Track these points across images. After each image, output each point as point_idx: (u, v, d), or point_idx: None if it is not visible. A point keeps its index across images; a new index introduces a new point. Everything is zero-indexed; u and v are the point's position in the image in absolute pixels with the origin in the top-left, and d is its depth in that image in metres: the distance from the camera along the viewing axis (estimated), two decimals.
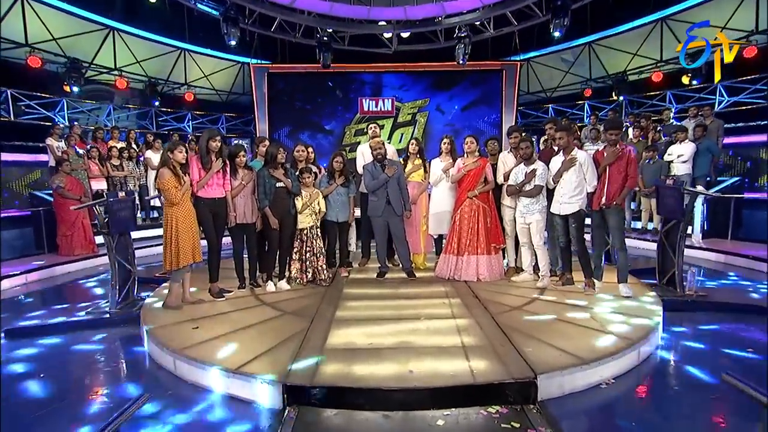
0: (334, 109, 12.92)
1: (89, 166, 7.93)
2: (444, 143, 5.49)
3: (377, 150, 5.05)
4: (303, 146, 5.17)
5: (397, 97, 12.86)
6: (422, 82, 12.92)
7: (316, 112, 12.89)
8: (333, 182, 5.15)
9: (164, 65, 11.29)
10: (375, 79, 12.94)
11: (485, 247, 5.01)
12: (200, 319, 3.83)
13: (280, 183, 4.59)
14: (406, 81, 12.89)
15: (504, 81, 12.49)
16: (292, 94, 12.76)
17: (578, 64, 11.95)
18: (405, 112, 12.89)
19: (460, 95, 12.85)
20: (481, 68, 12.47)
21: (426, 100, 12.92)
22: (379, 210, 5.09)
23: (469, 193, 5.04)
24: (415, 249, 5.64)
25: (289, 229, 4.75)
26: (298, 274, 4.89)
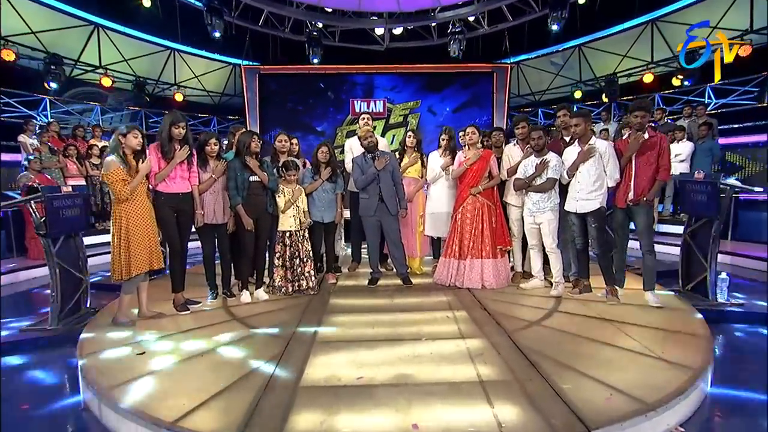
0: (326, 110, 11.99)
1: (66, 164, 6.94)
2: (443, 138, 4.62)
3: (367, 139, 4.15)
4: (285, 136, 4.26)
5: (388, 99, 11.94)
6: (414, 84, 12.03)
7: (307, 114, 11.95)
8: (318, 177, 4.25)
9: (154, 65, 10.28)
10: (367, 81, 12.01)
11: (490, 250, 4.14)
12: (153, 340, 2.89)
13: (255, 176, 3.68)
14: (397, 82, 11.99)
15: (495, 83, 11.66)
16: (284, 96, 11.81)
17: (567, 67, 11.18)
18: (397, 114, 12.01)
19: (452, 97, 12.00)
20: (472, 70, 11.64)
21: (417, 102, 12.05)
22: (370, 209, 4.19)
23: (472, 189, 4.17)
24: (411, 252, 4.76)
25: (266, 230, 3.83)
26: (283, 282, 3.98)
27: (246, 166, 3.64)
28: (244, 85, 11.35)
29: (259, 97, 11.53)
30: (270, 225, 3.90)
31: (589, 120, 3.57)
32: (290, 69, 11.55)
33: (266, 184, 3.73)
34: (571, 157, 3.67)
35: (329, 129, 12.02)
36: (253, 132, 3.77)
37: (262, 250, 3.87)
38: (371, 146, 4.16)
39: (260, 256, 3.88)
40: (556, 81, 11.64)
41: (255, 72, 11.42)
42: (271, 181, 3.75)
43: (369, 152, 4.20)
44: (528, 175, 3.88)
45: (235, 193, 3.61)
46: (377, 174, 4.11)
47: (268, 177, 3.74)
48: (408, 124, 12.10)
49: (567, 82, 11.33)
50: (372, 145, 4.16)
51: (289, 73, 11.65)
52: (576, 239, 3.76)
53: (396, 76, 12.01)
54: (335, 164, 4.38)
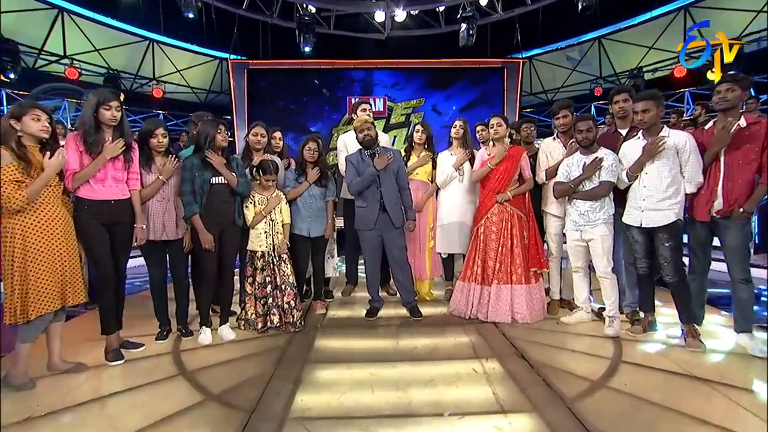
0: (320, 109, 11.19)
1: None
2: (455, 130, 3.81)
3: (364, 132, 3.33)
4: (263, 129, 3.43)
5: (389, 97, 11.17)
6: (417, 81, 11.24)
7: (300, 113, 11.14)
8: (303, 180, 3.42)
9: (131, 58, 9.49)
10: (365, 77, 11.22)
11: (522, 273, 3.29)
12: (53, 412, 2.03)
13: (219, 178, 2.84)
14: (399, 78, 11.20)
15: (505, 80, 10.89)
16: (275, 93, 11.01)
17: (585, 62, 10.44)
18: (398, 113, 11.21)
19: (458, 95, 11.21)
20: (480, 65, 10.88)
21: (421, 100, 11.26)
22: (369, 220, 3.35)
23: (498, 196, 3.34)
24: (419, 274, 3.92)
25: (233, 248, 3.00)
26: (256, 317, 3.12)
27: (207, 164, 2.80)
28: (231, 82, 10.57)
29: (248, 95, 10.76)
30: (239, 241, 3.06)
31: (660, 104, 2.74)
32: (282, 64, 10.78)
33: (234, 187, 2.89)
34: (632, 154, 2.84)
35: (324, 129, 11.22)
36: (220, 121, 2.93)
37: (228, 274, 3.03)
38: (368, 141, 3.33)
39: (225, 283, 3.04)
40: (572, 77, 10.92)
41: (243, 67, 10.63)
42: (240, 184, 2.91)
43: (367, 148, 3.37)
44: (573, 178, 3.04)
45: (190, 199, 2.77)
46: (377, 175, 3.27)
47: (236, 179, 2.90)
48: (411, 124, 11.33)
49: (584, 78, 10.59)
50: (369, 140, 3.33)
51: (280, 68, 10.87)
52: (638, 261, 2.91)
53: (397, 71, 11.22)
54: (325, 164, 3.55)
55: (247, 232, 3.13)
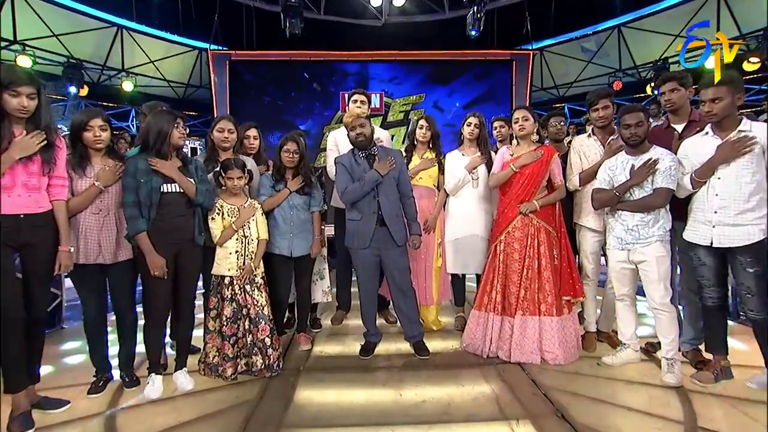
0: (311, 105, 10.75)
1: None
2: (469, 128, 3.36)
3: (356, 131, 2.84)
4: (229, 122, 2.92)
5: (386, 92, 10.77)
6: (417, 74, 10.84)
7: (288, 109, 10.70)
8: (283, 187, 2.92)
9: (97, 46, 8.96)
10: (360, 70, 10.81)
11: (553, 302, 2.81)
12: None
13: (171, 185, 2.34)
14: (397, 72, 10.80)
15: (514, 74, 10.53)
16: (260, 87, 10.58)
17: (601, 54, 10.04)
18: (396, 110, 10.81)
19: (462, 90, 10.82)
20: (487, 58, 10.51)
21: (421, 96, 10.87)
22: (364, 237, 2.85)
23: (522, 206, 2.86)
24: (425, 299, 3.43)
25: (192, 273, 2.50)
26: (219, 359, 2.60)
27: (155, 168, 2.30)
28: (212, 75, 10.14)
29: (230, 89, 10.34)
30: (200, 264, 2.56)
31: (738, 90, 2.26)
32: (267, 55, 10.34)
33: (192, 197, 2.39)
34: (698, 154, 2.36)
35: (315, 127, 10.81)
36: (178, 114, 2.43)
37: (187, 306, 2.52)
38: (362, 141, 2.84)
39: (184, 318, 2.53)
40: (588, 70, 10.50)
41: (225, 58, 10.21)
42: (199, 192, 2.41)
43: (361, 149, 2.88)
44: (619, 185, 2.57)
45: (134, 212, 2.26)
46: (378, 181, 2.78)
47: (195, 186, 2.39)
48: (410, 123, 10.90)
49: (601, 71, 10.19)
50: (363, 140, 2.84)
51: (266, 60, 10.46)
52: (706, 290, 2.42)
53: (396, 64, 10.84)
54: (309, 168, 3.05)
55: (212, 253, 2.62)
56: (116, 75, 9.34)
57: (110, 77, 9.44)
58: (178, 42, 10.14)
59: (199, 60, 10.75)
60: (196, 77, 10.99)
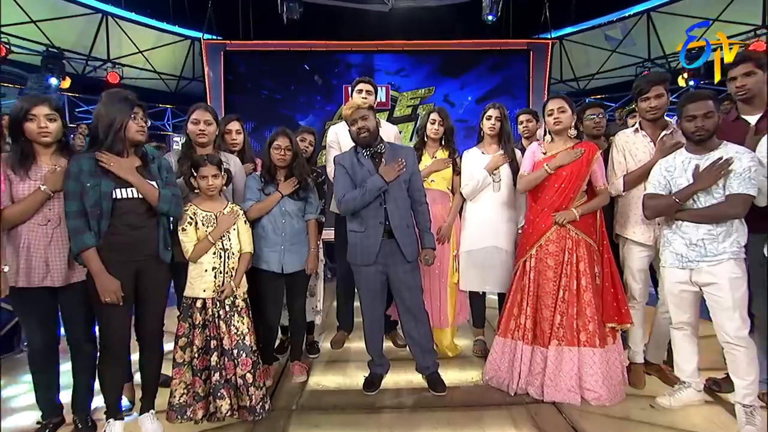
0: (311, 99, 10.36)
1: None
2: (490, 122, 3.00)
3: (357, 124, 2.49)
4: (207, 113, 2.56)
5: (393, 85, 10.38)
6: (426, 66, 10.43)
7: (287, 104, 10.33)
8: (274, 191, 2.57)
9: (81, 35, 8.67)
10: (364, 61, 10.41)
11: (596, 331, 2.44)
12: None
13: (127, 189, 1.99)
14: (405, 64, 10.38)
15: (531, 65, 10.09)
16: (257, 80, 10.22)
17: (627, 43, 9.62)
18: (403, 104, 10.42)
19: (475, 83, 10.33)
20: (501, 48, 10.07)
21: (431, 89, 10.45)
22: (368, 252, 2.51)
23: (558, 215, 2.51)
24: (439, 320, 3.08)
25: (157, 297, 2.16)
26: (189, 399, 2.24)
27: (106, 169, 1.95)
28: (205, 66, 9.77)
29: (225, 82, 9.95)
30: (168, 285, 2.22)
31: None
32: (265, 45, 10.02)
33: (153, 203, 2.03)
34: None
35: (316, 123, 10.34)
36: (136, 103, 2.07)
37: (152, 337, 2.17)
38: (365, 137, 2.49)
39: (149, 352, 2.19)
40: (611, 61, 10.08)
41: (219, 49, 9.80)
42: (163, 197, 2.05)
43: (364, 146, 2.52)
44: (679, 189, 2.19)
45: (79, 224, 1.91)
46: (383, 188, 2.43)
47: (157, 190, 2.04)
48: (418, 118, 10.55)
49: (627, 61, 9.77)
50: (366, 136, 2.49)
51: (263, 51, 10.10)
52: None
53: (403, 55, 10.38)
54: (304, 168, 2.70)
55: (183, 270, 2.27)
56: (101, 66, 9.05)
57: (95, 68, 9.15)
58: (169, 31, 9.83)
59: (191, 50, 10.46)
60: (188, 69, 10.70)
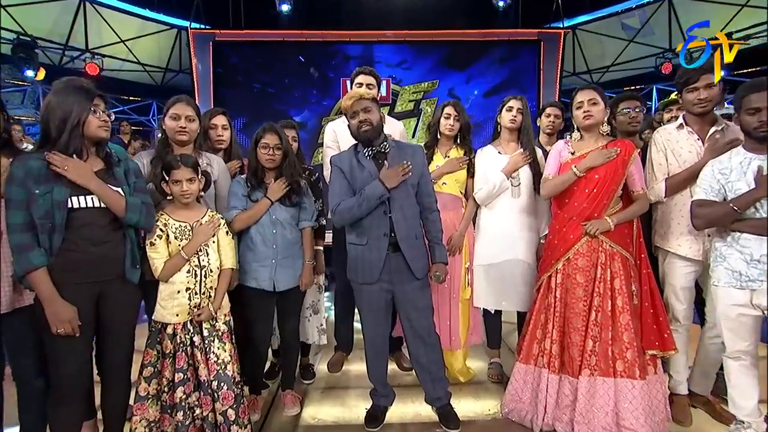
0: (307, 93, 10.24)
1: None
2: (510, 115, 2.80)
3: (359, 117, 2.26)
4: (188, 107, 2.31)
5: (394, 78, 10.27)
6: (429, 58, 10.32)
7: (281, 98, 10.23)
8: (262, 196, 2.34)
9: (56, 22, 8.39)
10: (364, 53, 10.32)
11: (635, 359, 2.22)
12: None
13: (86, 197, 1.75)
14: (407, 55, 10.28)
15: (542, 56, 9.96)
16: (249, 72, 10.09)
17: (645, 32, 9.40)
18: (405, 99, 10.29)
19: (482, 76, 10.23)
20: (510, 38, 9.93)
21: (434, 83, 10.33)
22: (371, 268, 2.28)
23: (590, 225, 2.29)
24: (450, 342, 2.87)
25: (123, 326, 1.92)
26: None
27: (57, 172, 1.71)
28: (193, 58, 9.58)
29: (215, 75, 9.87)
30: (137, 310, 1.98)
31: None
32: (257, 35, 9.90)
33: (119, 213, 1.79)
34: None
35: (312, 119, 10.30)
36: (97, 93, 1.82)
37: (117, 374, 1.93)
38: (366, 132, 2.26)
39: (114, 390, 1.95)
40: (628, 51, 9.86)
41: (208, 39, 9.67)
42: (131, 207, 1.81)
43: (366, 144, 2.29)
44: (738, 195, 1.96)
45: (25, 240, 1.66)
46: (384, 197, 2.19)
47: (124, 197, 1.80)
48: (421, 113, 10.45)
49: (645, 52, 9.54)
50: (368, 130, 2.25)
51: (255, 41, 10.02)
52: None
53: (405, 46, 10.32)
54: (297, 170, 2.47)
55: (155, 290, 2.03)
56: (79, 56, 8.82)
57: (72, 59, 8.91)
58: (154, 19, 9.60)
59: (178, 40, 10.26)
60: (174, 61, 10.47)
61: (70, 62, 8.89)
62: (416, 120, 10.20)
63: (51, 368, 1.77)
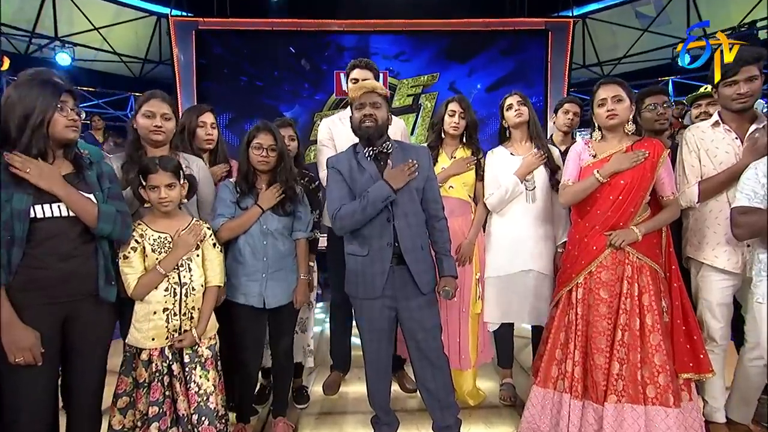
0: (298, 87, 10.26)
1: None
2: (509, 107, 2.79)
3: (365, 110, 2.16)
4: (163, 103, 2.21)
5: (391, 71, 10.30)
6: (429, 50, 10.37)
7: (270, 92, 10.26)
8: (252, 204, 2.27)
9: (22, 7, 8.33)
10: (359, 43, 10.35)
11: (668, 384, 2.15)
12: None
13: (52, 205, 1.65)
14: (405, 47, 10.32)
15: (550, 48, 9.98)
16: (235, 65, 10.10)
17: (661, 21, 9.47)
18: (403, 93, 10.31)
19: (485, 69, 10.27)
20: (516, 28, 9.96)
21: (434, 76, 10.35)
22: (373, 283, 2.18)
23: (615, 235, 2.22)
24: (458, 361, 2.81)
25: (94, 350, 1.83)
26: None
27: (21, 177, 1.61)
28: (174, 48, 9.57)
29: (198, 67, 9.87)
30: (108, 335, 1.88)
31: None
32: (243, 24, 9.90)
33: (90, 224, 1.70)
34: None
35: (303, 115, 10.29)
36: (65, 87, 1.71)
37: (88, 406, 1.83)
38: (369, 129, 2.16)
39: (82, 423, 1.84)
40: (642, 42, 9.95)
41: (191, 27, 9.71)
42: (103, 215, 1.72)
43: (368, 143, 2.21)
44: None
45: None
46: (389, 198, 2.10)
47: (96, 204, 1.71)
48: (421, 108, 10.39)
49: (660, 42, 9.61)
50: (371, 127, 2.16)
51: (242, 31, 10.04)
52: None
53: (403, 36, 10.39)
54: (291, 173, 2.39)
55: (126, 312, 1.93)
56: (48, 45, 8.78)
57: (40, 47, 8.89)
58: (131, 5, 9.61)
59: (157, 29, 10.25)
60: (154, 51, 10.49)
61: (37, 51, 8.88)
62: (415, 116, 10.26)
63: (7, 401, 1.66)
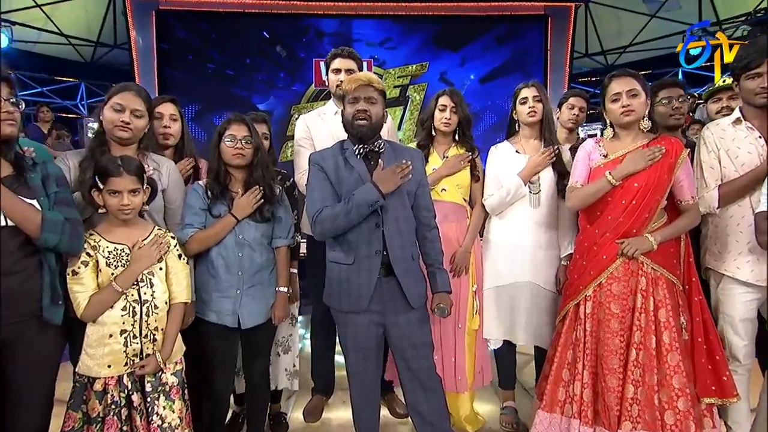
0: (272, 76, 10.33)
1: None
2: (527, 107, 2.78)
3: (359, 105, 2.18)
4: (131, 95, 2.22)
5: (376, 60, 10.38)
6: (418, 36, 10.53)
7: (241, 82, 10.31)
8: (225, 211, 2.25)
9: None
10: (340, 29, 10.47)
11: (688, 410, 2.18)
12: None
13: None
14: (391, 33, 10.46)
15: (550, 34, 10.20)
16: (201, 50, 10.11)
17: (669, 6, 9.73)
18: (389, 84, 10.34)
19: (479, 58, 10.42)
20: (512, 12, 10.18)
21: (423, 65, 10.49)
22: (359, 295, 2.18)
23: (627, 244, 2.25)
24: (454, 383, 2.83)
25: (38, 378, 1.79)
26: None
27: None
28: (131, 30, 9.61)
29: (159, 52, 9.89)
30: (55, 361, 1.84)
31: None
32: (210, 4, 9.92)
33: (33, 234, 1.65)
34: None
35: (279, 108, 10.39)
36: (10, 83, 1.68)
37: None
38: (362, 126, 2.17)
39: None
40: (649, 29, 10.21)
41: (150, 7, 9.73)
42: (48, 224, 1.68)
43: (359, 141, 2.21)
44: None
45: None
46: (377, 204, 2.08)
47: (40, 211, 1.66)
48: (409, 101, 10.41)
49: (669, 29, 9.88)
50: (365, 124, 2.17)
51: (209, 12, 10.05)
52: None
53: (389, 21, 10.53)
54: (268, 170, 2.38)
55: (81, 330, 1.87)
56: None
57: None
58: None
59: (111, 8, 10.20)
60: (108, 33, 10.48)
61: None
62: (402, 109, 10.41)
63: None
